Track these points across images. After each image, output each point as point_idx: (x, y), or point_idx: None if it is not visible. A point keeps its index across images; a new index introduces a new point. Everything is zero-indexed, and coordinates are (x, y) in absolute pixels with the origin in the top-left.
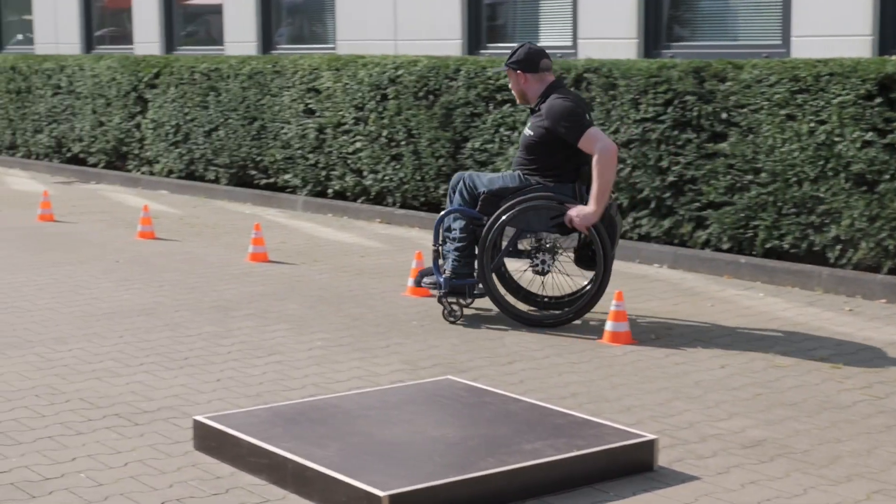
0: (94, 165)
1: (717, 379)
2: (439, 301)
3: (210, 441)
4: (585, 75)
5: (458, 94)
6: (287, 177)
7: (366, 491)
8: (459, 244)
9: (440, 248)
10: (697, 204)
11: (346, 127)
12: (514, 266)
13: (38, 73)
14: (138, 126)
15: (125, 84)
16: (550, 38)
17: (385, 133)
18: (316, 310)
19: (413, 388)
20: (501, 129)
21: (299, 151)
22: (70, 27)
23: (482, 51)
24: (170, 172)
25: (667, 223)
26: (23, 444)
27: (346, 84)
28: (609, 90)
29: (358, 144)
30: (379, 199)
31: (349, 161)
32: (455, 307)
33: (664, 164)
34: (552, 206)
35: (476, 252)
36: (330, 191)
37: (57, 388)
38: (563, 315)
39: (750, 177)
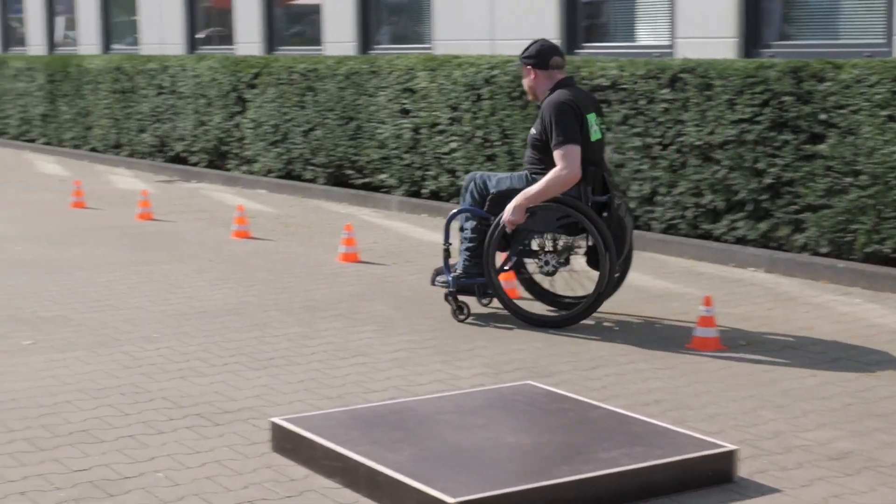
0: (196, 164)
1: (807, 388)
2: (446, 299)
3: (286, 443)
4: (681, 75)
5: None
6: (382, 176)
7: (435, 497)
8: (470, 244)
9: (449, 247)
10: (795, 206)
11: (441, 127)
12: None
13: (142, 73)
14: (238, 126)
15: (226, 84)
16: (648, 37)
17: (479, 133)
18: (403, 311)
19: (491, 393)
20: None
21: (395, 151)
22: (174, 28)
23: (578, 50)
24: (268, 172)
25: (763, 226)
26: (105, 443)
27: (441, 84)
28: (704, 90)
29: (452, 144)
30: None
31: (444, 161)
32: (463, 305)
33: (761, 165)
34: (557, 208)
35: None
36: (424, 191)
37: (142, 386)
38: (571, 315)
39: (849, 179)
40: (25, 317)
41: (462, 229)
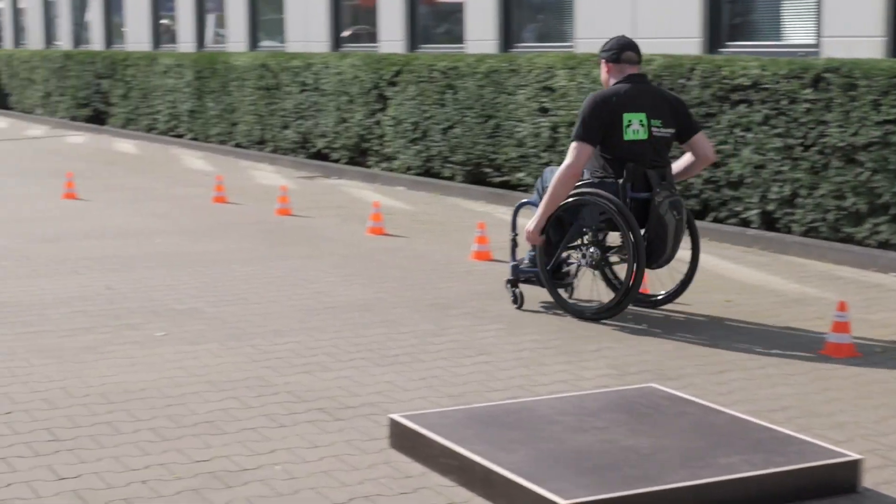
0: (336, 161)
1: None
2: (506, 285)
3: (404, 440)
4: (824, 75)
5: (693, 94)
6: (520, 175)
7: (548, 498)
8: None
9: (515, 237)
10: None
11: None
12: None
13: (286, 70)
14: (378, 123)
15: (367, 82)
16: (793, 36)
17: None
18: (530, 310)
19: (612, 395)
20: (736, 130)
21: (533, 150)
22: (319, 26)
23: (721, 49)
24: (408, 169)
25: None
26: (227, 434)
27: (580, 83)
28: (848, 91)
29: None
30: None
31: None
32: (519, 294)
33: None
34: (599, 203)
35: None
36: None
37: (268, 380)
38: (603, 307)
39: None
40: (160, 309)
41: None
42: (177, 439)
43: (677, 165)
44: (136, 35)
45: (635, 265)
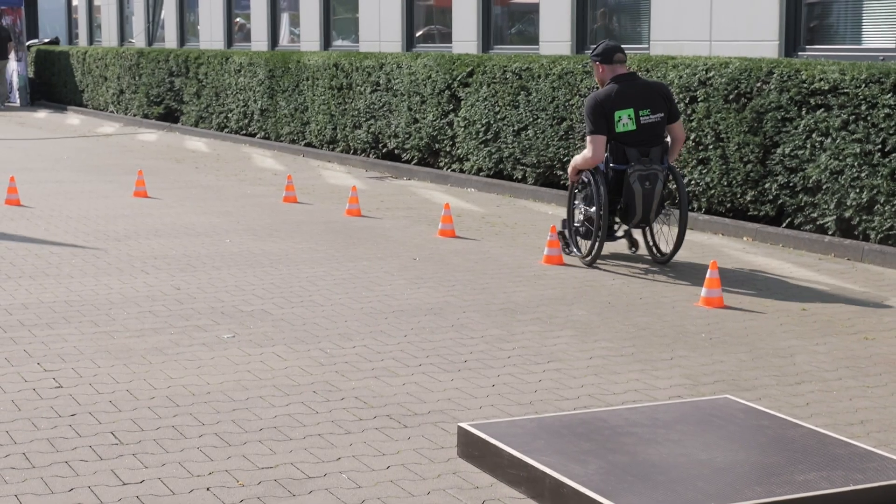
0: (407, 162)
1: None
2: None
3: (472, 449)
4: None
5: (770, 98)
6: None
7: None
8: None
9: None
10: None
11: None
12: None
13: (358, 70)
14: (451, 124)
15: (440, 82)
16: (874, 39)
17: (693, 136)
18: (602, 316)
19: (687, 406)
20: (814, 135)
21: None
22: (392, 26)
23: (800, 53)
24: (479, 170)
25: None
26: (292, 441)
27: None
28: None
29: None
30: None
31: None
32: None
33: None
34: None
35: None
36: None
37: (335, 384)
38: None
39: None
40: (228, 310)
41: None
42: (242, 445)
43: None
44: (210, 33)
45: (602, 224)
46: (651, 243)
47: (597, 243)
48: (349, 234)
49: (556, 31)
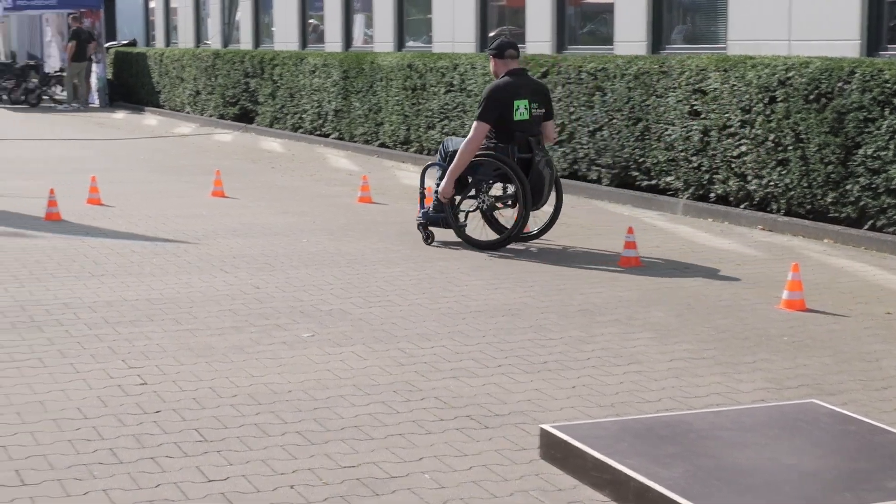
0: None
1: None
2: (418, 228)
3: (555, 451)
4: None
5: (852, 98)
6: (669, 179)
7: None
8: (437, 189)
9: (423, 191)
10: None
11: (732, 130)
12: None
13: (432, 70)
14: None
15: None
16: None
17: (772, 137)
18: (682, 319)
19: (772, 410)
20: None
21: (682, 154)
22: (466, 26)
23: (882, 52)
24: None
25: None
26: (374, 440)
27: (734, 85)
28: None
29: (743, 148)
30: (762, 206)
31: (733, 165)
32: (430, 234)
33: None
34: (494, 163)
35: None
36: (712, 195)
37: (415, 384)
38: (497, 240)
39: None
40: (306, 309)
41: (438, 179)
42: (324, 443)
43: None
44: (285, 35)
45: (524, 210)
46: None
47: (514, 231)
48: None
49: (631, 31)
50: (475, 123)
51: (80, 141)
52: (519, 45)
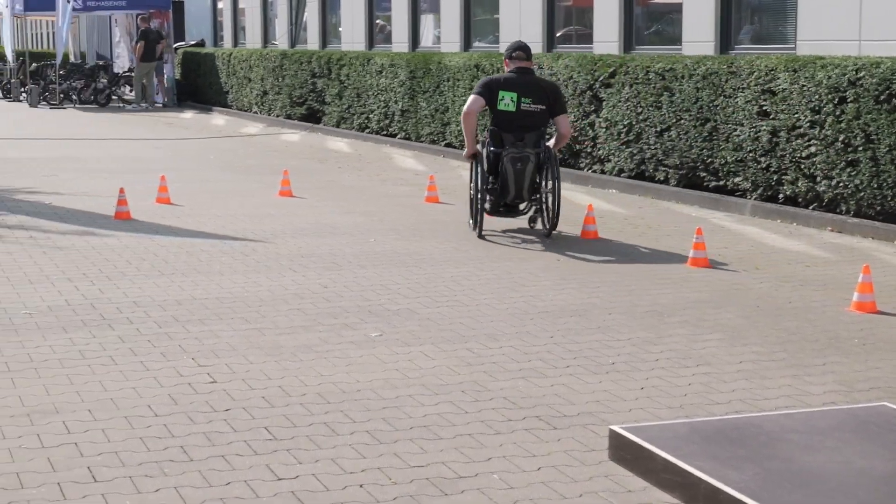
0: None
1: None
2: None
3: (624, 452)
4: None
5: None
6: (737, 180)
7: None
8: None
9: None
10: None
11: (801, 130)
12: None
13: (499, 71)
14: (592, 125)
15: (581, 83)
16: None
17: (842, 138)
18: (751, 320)
19: (843, 413)
20: None
21: (751, 154)
22: (533, 26)
23: None
24: (620, 172)
25: None
26: (443, 440)
27: (804, 86)
28: None
29: (812, 149)
30: (832, 207)
31: (802, 165)
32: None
33: None
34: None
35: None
36: (780, 196)
37: (483, 385)
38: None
39: None
40: (374, 309)
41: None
42: (393, 443)
43: (553, 140)
44: (352, 35)
45: (478, 201)
46: (544, 219)
47: (478, 217)
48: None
49: (699, 31)
50: (471, 96)
51: (148, 140)
52: (586, 45)
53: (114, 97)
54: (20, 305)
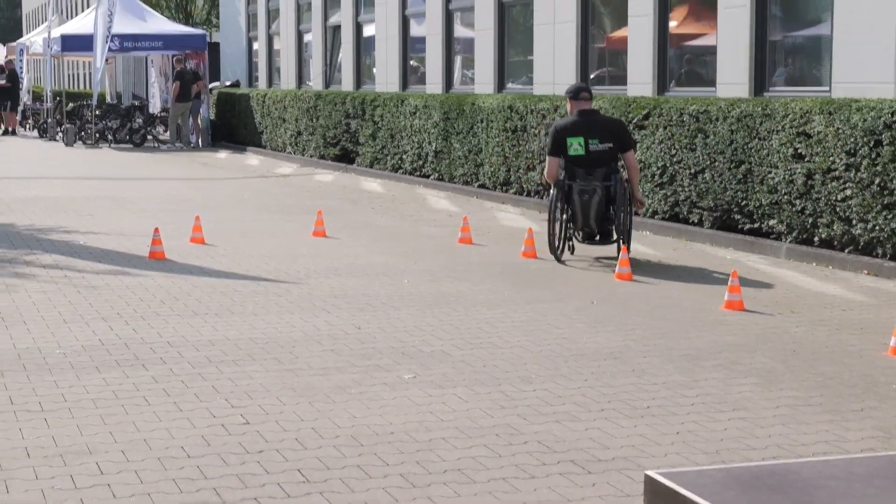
0: None
1: None
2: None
3: (660, 498)
4: None
5: None
6: (772, 222)
7: None
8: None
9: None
10: None
11: (836, 173)
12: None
13: (533, 112)
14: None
15: None
16: None
17: (877, 181)
18: (787, 364)
19: (882, 460)
20: None
21: (786, 197)
22: (567, 68)
23: None
24: (654, 214)
25: None
26: (476, 484)
27: (839, 128)
28: None
29: (848, 191)
30: (867, 250)
31: (838, 208)
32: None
33: None
34: (553, 192)
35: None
36: (816, 239)
37: (517, 428)
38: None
39: None
40: (408, 350)
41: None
42: (426, 486)
43: (626, 175)
44: (386, 76)
45: (550, 228)
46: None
47: (556, 242)
48: (526, 276)
49: (733, 74)
50: (548, 160)
51: (183, 180)
52: (620, 87)
53: (149, 137)
54: (54, 345)
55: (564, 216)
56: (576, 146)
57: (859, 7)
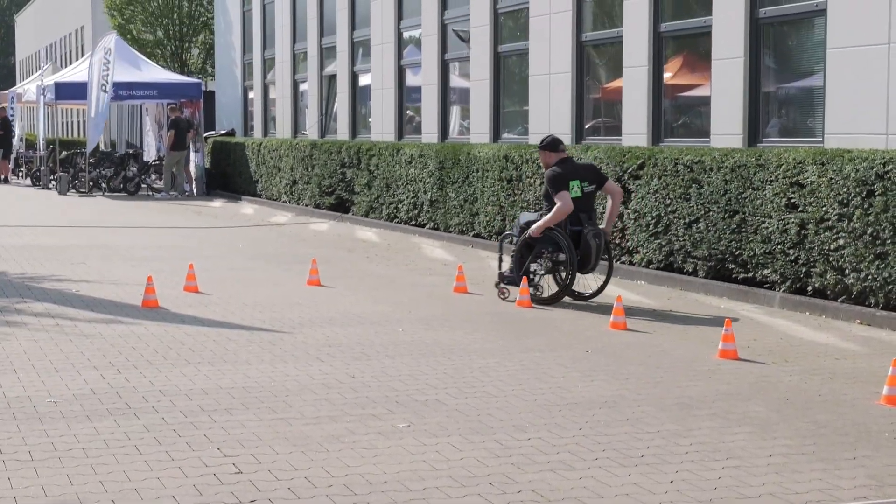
0: None
1: None
2: (496, 286)
3: None
4: None
5: None
6: (766, 272)
7: None
8: (514, 255)
9: (501, 259)
10: None
11: (829, 223)
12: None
13: (528, 162)
14: (621, 216)
15: (610, 174)
16: None
17: (870, 230)
18: (781, 413)
19: None
20: None
21: (779, 246)
22: (562, 118)
23: None
24: (648, 263)
25: None
26: None
27: (832, 179)
28: None
29: (841, 241)
30: (860, 299)
31: (831, 258)
32: (506, 290)
33: None
34: (554, 236)
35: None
36: (809, 288)
37: (511, 477)
38: (547, 297)
39: None
40: (402, 399)
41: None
42: None
43: (608, 212)
44: (381, 125)
45: (571, 272)
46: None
47: (563, 290)
48: (520, 326)
49: (727, 124)
50: (559, 195)
51: (177, 229)
52: (615, 137)
53: (143, 185)
54: (45, 394)
55: (566, 258)
56: (576, 188)
57: (851, 59)
